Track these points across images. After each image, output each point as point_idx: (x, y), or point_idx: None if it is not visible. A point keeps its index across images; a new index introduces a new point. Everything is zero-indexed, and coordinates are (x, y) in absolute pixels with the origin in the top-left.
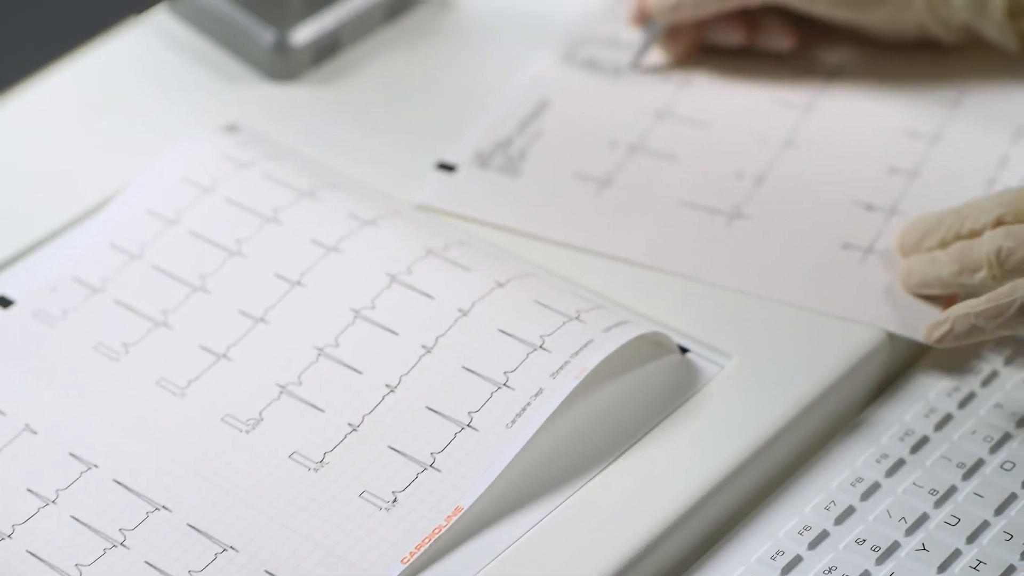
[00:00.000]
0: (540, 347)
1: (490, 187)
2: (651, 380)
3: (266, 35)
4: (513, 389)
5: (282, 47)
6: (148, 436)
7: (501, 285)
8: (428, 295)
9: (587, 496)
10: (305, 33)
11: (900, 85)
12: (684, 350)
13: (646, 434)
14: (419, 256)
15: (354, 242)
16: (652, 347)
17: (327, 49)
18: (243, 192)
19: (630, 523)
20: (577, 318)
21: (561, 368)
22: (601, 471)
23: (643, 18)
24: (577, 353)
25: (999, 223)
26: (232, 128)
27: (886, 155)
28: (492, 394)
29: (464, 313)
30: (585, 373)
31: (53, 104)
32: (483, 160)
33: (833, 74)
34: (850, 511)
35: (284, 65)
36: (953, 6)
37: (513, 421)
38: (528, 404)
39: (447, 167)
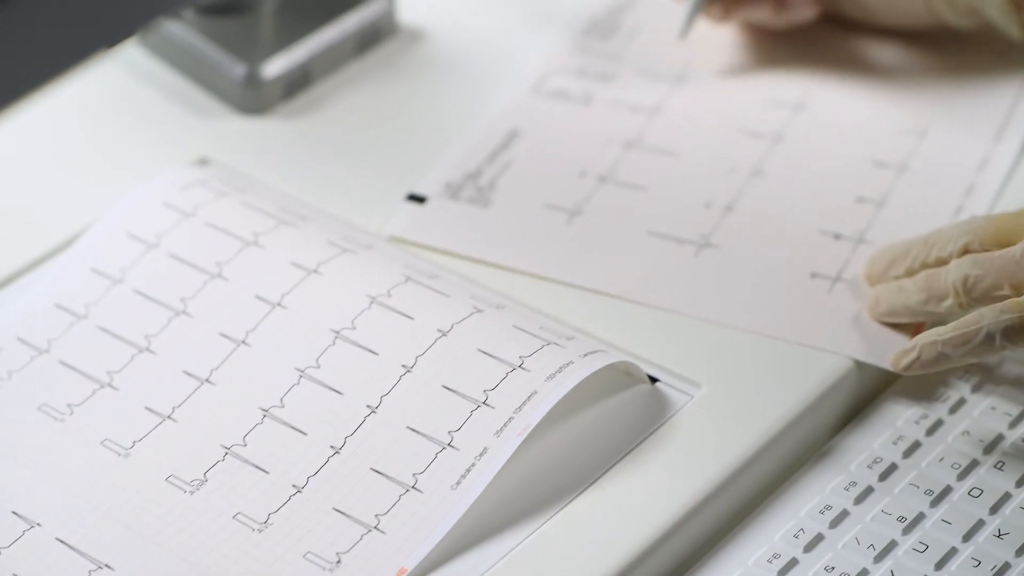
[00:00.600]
0: (484, 403)
1: (460, 218)
2: (621, 409)
3: (237, 69)
4: (457, 449)
5: (253, 81)
6: (92, 496)
7: (444, 334)
8: (372, 351)
9: (557, 526)
10: (275, 67)
11: (867, 116)
12: (654, 379)
13: (617, 463)
14: (363, 307)
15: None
16: (622, 377)
17: (298, 82)
18: (223, 217)
19: (600, 552)
20: (521, 366)
21: (505, 425)
22: (572, 500)
23: None
24: (520, 408)
25: (965, 251)
26: (204, 161)
27: (853, 185)
28: (436, 455)
29: (408, 369)
30: (529, 430)
31: (24, 139)
32: (453, 191)
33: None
34: (819, 539)
35: (255, 99)
36: None
37: (458, 482)
38: (472, 465)
39: (417, 199)
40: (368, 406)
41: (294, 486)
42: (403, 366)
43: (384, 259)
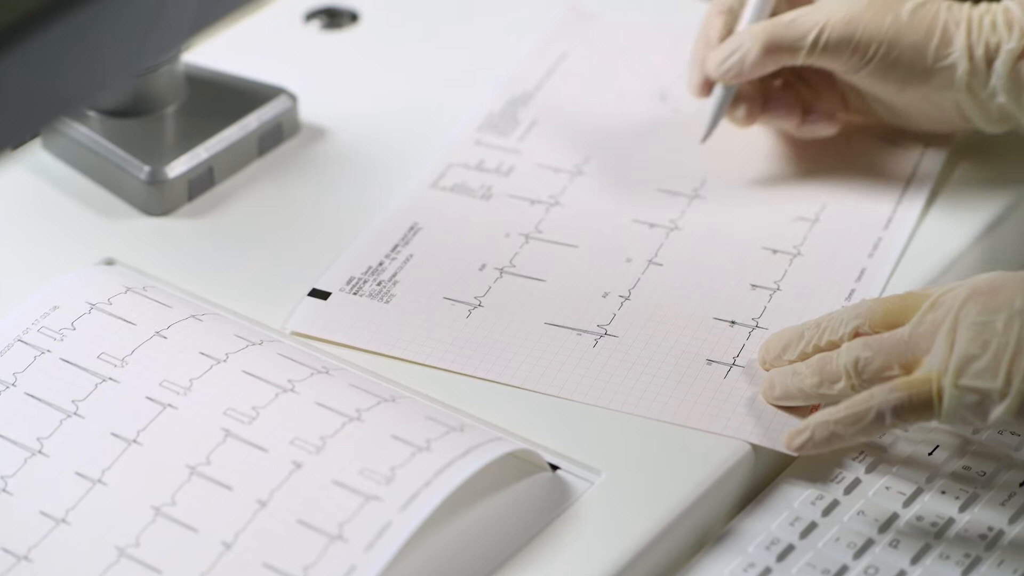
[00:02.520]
0: (374, 497)
1: (362, 313)
2: (523, 497)
3: (141, 171)
4: (347, 541)
5: (157, 182)
6: None
7: (319, 451)
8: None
9: None
10: (179, 167)
11: (760, 203)
12: (555, 467)
13: (519, 551)
14: (268, 400)
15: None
16: (523, 465)
17: (202, 182)
18: (131, 310)
19: None
20: (421, 451)
21: (399, 513)
22: None
23: (707, 87)
24: (415, 496)
25: (856, 334)
26: (110, 262)
27: (748, 272)
28: (326, 547)
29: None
30: (424, 516)
31: None
32: (355, 286)
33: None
34: None
35: (159, 199)
36: (993, 90)
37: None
38: (363, 556)
39: (320, 294)
40: (259, 501)
41: None
42: (294, 462)
43: (284, 351)
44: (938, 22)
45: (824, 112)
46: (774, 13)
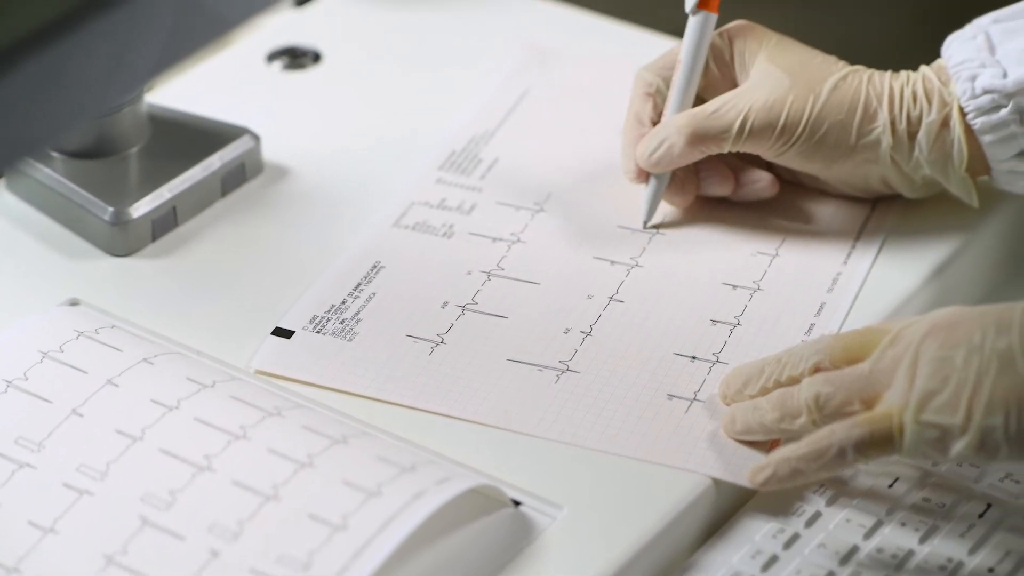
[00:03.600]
0: (341, 527)
1: (326, 351)
2: (485, 533)
3: (104, 212)
4: None
5: (120, 223)
6: None
7: (274, 498)
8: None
9: None
10: (143, 208)
11: (720, 239)
12: (517, 503)
13: None
14: (229, 439)
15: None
16: (485, 501)
17: (165, 223)
18: (82, 357)
19: None
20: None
21: (359, 552)
22: None
23: (643, 174)
24: (378, 534)
25: (817, 369)
26: (74, 302)
27: (708, 307)
28: None
29: (268, 498)
30: (385, 555)
31: None
32: (318, 325)
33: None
34: None
35: (123, 240)
36: (917, 162)
37: None
38: None
39: (283, 332)
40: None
41: None
42: (264, 496)
43: (237, 392)
44: (860, 97)
45: (763, 177)
46: (697, 95)
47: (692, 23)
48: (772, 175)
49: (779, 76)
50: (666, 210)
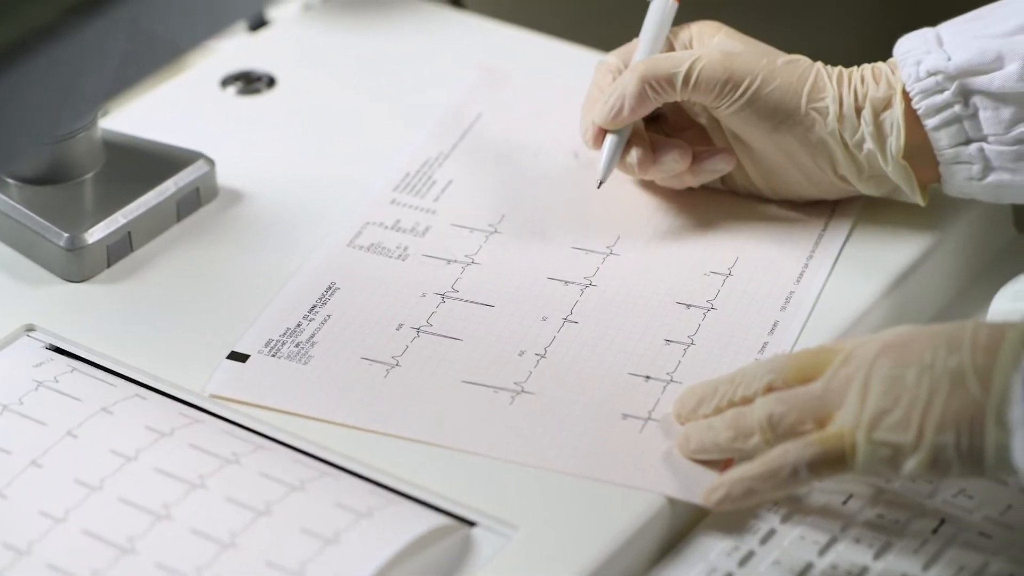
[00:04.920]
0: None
1: (281, 375)
2: (441, 556)
3: (59, 237)
4: None
5: (75, 249)
6: None
7: (232, 546)
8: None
9: None
10: (98, 234)
11: (674, 259)
12: (472, 524)
13: None
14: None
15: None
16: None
17: (120, 248)
18: (41, 410)
19: None
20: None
21: None
22: None
23: (600, 136)
24: None
25: (770, 389)
26: (30, 328)
27: (662, 327)
28: None
29: (225, 546)
30: None
31: None
32: (274, 348)
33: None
34: None
35: (79, 266)
36: (862, 136)
37: None
38: None
39: (239, 356)
40: None
41: None
42: (222, 544)
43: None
44: (810, 72)
45: (718, 149)
46: None
47: (653, 6)
48: (728, 148)
49: (735, 44)
50: (620, 231)
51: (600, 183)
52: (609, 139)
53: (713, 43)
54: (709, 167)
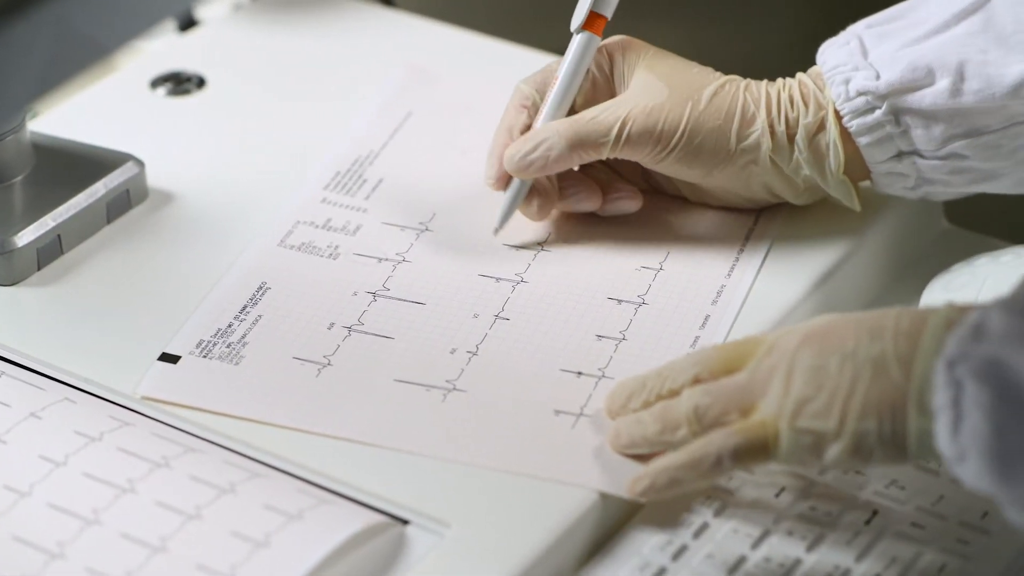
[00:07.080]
0: None
1: (213, 376)
2: (374, 554)
3: None
4: None
5: (5, 252)
6: None
7: (163, 550)
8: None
9: None
10: (27, 237)
11: (604, 254)
12: (405, 522)
13: None
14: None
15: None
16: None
17: (51, 251)
18: None
19: None
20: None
21: None
22: None
23: (505, 180)
24: None
25: (696, 381)
26: None
27: (593, 322)
28: None
29: (156, 550)
30: None
31: None
32: (205, 349)
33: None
34: None
35: (8, 269)
36: (797, 163)
37: None
38: None
39: (170, 358)
40: None
41: None
42: (152, 548)
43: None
44: (737, 103)
45: (627, 190)
46: (571, 111)
47: (575, 42)
48: (635, 188)
49: (657, 85)
50: (551, 227)
51: (496, 231)
52: (515, 186)
53: (636, 82)
54: (615, 209)
